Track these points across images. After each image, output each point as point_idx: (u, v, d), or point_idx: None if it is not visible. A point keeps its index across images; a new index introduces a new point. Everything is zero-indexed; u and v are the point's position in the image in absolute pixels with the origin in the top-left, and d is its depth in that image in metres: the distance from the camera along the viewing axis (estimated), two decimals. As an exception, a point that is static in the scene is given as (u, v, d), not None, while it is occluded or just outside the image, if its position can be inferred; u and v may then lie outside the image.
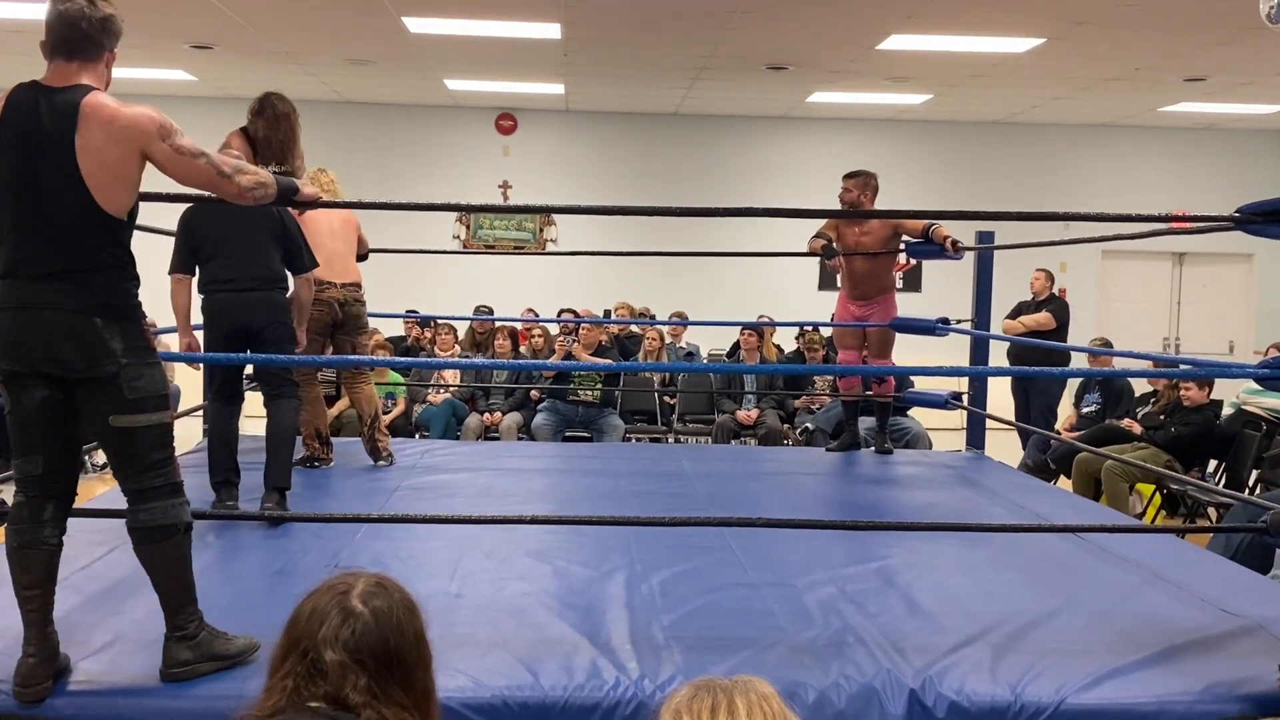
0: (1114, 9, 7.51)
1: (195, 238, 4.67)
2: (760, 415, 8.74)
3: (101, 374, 2.73)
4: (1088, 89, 10.64)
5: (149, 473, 2.82)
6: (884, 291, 6.62)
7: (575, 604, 3.54)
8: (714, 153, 12.99)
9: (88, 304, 2.73)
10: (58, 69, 2.81)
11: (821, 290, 12.99)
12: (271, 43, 9.29)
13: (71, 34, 2.78)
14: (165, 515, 2.82)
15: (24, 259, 2.74)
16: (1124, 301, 13.45)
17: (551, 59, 9.73)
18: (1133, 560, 4.25)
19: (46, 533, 2.82)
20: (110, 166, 2.74)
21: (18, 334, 2.74)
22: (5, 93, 2.80)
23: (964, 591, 3.81)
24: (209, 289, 4.69)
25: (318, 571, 3.79)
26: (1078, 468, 7.53)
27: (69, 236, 2.74)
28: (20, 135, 2.74)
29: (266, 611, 3.40)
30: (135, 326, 2.81)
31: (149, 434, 2.81)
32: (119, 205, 2.78)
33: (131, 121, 2.76)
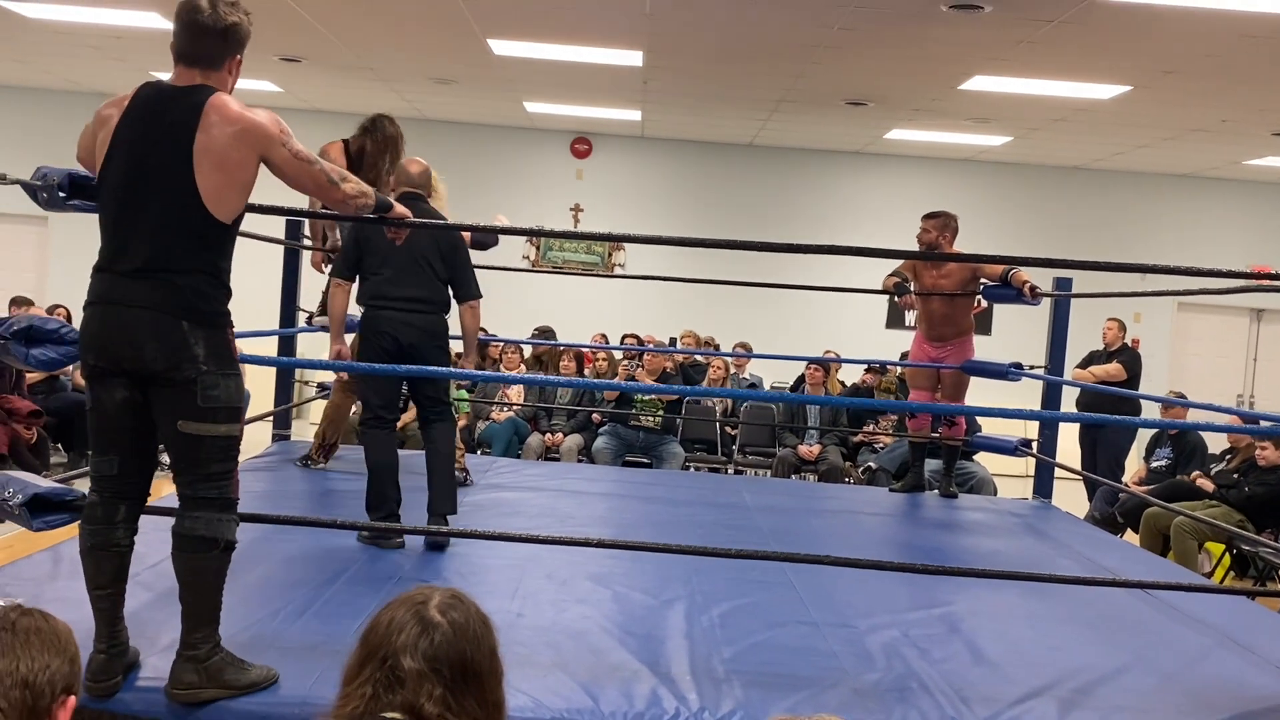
0: (1201, 59, 7.41)
1: (365, 248, 4.57)
2: (822, 451, 8.68)
3: (179, 377, 2.74)
4: (1171, 139, 10.49)
5: (205, 483, 2.81)
6: (961, 334, 6.55)
7: (636, 631, 3.54)
8: (787, 185, 12.98)
9: (176, 306, 2.74)
10: (182, 73, 2.84)
11: (889, 329, 12.92)
12: (359, 59, 9.46)
13: (194, 42, 2.81)
14: (210, 528, 2.80)
15: (122, 254, 2.76)
16: (1198, 356, 13.20)
17: (630, 85, 9.80)
18: (1203, 621, 4.16)
19: (119, 534, 2.85)
20: (228, 169, 2.76)
21: (105, 330, 2.77)
22: (136, 89, 2.85)
23: (1029, 643, 3.75)
24: (373, 304, 4.57)
25: (382, 583, 3.84)
26: (1146, 523, 7.38)
27: (168, 236, 2.75)
28: (140, 131, 2.78)
29: (334, 619, 3.45)
30: (220, 334, 2.82)
31: (215, 444, 2.81)
32: (227, 209, 2.80)
33: (255, 123, 2.79)
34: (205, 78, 2.82)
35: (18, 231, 12.84)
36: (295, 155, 2.88)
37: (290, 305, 6.67)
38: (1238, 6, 6.18)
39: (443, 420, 4.67)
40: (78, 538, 2.87)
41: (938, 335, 6.53)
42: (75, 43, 9.74)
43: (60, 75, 11.75)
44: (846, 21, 7.10)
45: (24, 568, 3.78)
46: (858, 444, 8.92)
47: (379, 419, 4.59)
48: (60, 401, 8.46)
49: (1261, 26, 6.53)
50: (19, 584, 3.53)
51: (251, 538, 3.81)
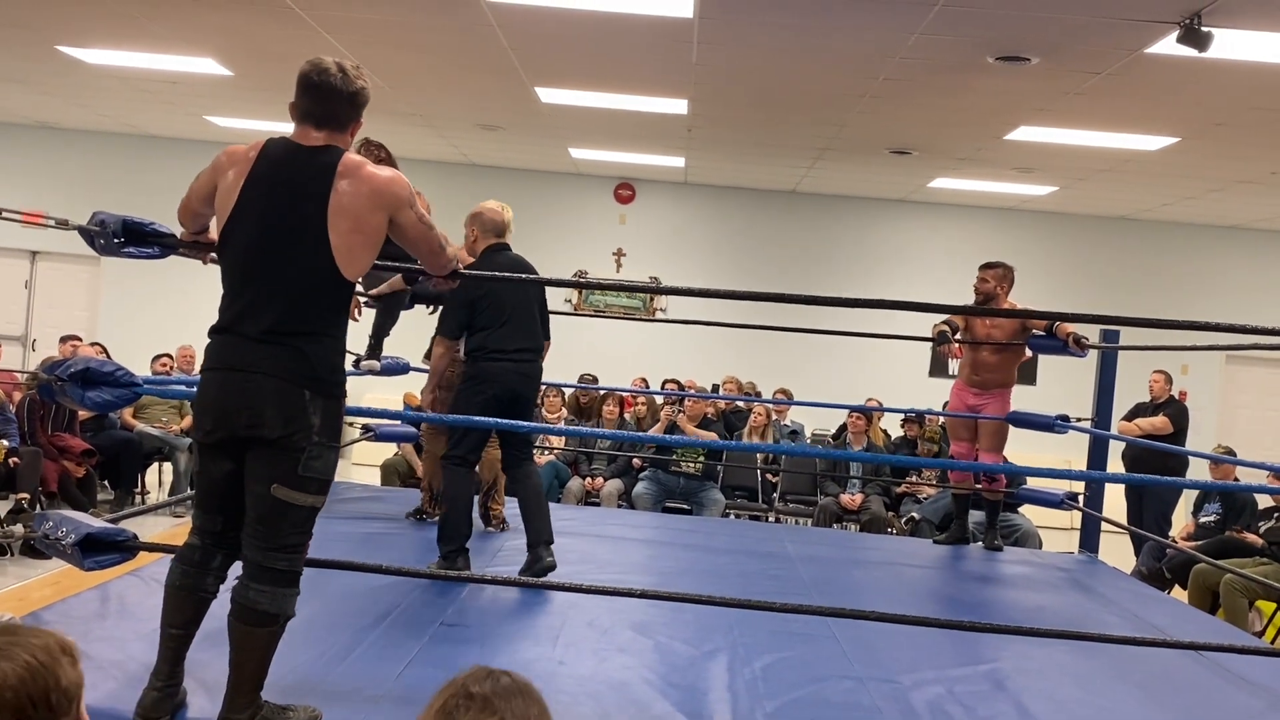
0: (1249, 112, 7.36)
1: (480, 305, 4.69)
2: (865, 500, 8.61)
3: (289, 443, 2.73)
4: (1218, 190, 10.41)
5: (279, 553, 2.79)
6: (1004, 384, 6.52)
7: (678, 683, 3.52)
8: (830, 232, 12.99)
9: (300, 374, 2.74)
10: (308, 132, 2.85)
11: (932, 377, 12.84)
12: (409, 105, 9.61)
13: (324, 103, 2.83)
14: (274, 602, 2.79)
15: (249, 315, 2.75)
16: (1248, 409, 13.00)
17: (674, 133, 9.87)
18: (1254, 682, 4.08)
19: (209, 581, 2.89)
20: (363, 229, 2.78)
21: (224, 396, 2.76)
22: (258, 144, 2.86)
23: (1076, 703, 3.69)
24: (490, 356, 4.69)
25: (427, 628, 3.84)
26: (1195, 579, 7.25)
27: (300, 298, 2.75)
28: (271, 190, 2.78)
29: (376, 663, 3.45)
30: (336, 406, 2.82)
31: (299, 514, 2.80)
32: (356, 269, 2.81)
33: (387, 185, 2.82)
34: (331, 138, 2.84)
35: (72, 271, 13.09)
36: (420, 219, 2.93)
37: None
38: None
39: (530, 460, 4.95)
40: (168, 574, 2.90)
41: (981, 382, 6.50)
42: (133, 88, 9.96)
43: (118, 119, 12.01)
44: (891, 72, 7.13)
45: (73, 605, 3.82)
46: (901, 494, 8.85)
47: (466, 460, 4.77)
48: (108, 439, 8.59)
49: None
50: (67, 622, 3.57)
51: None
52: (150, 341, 10.58)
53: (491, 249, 4.81)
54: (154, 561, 4.30)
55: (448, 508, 4.74)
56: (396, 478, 8.56)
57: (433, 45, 7.54)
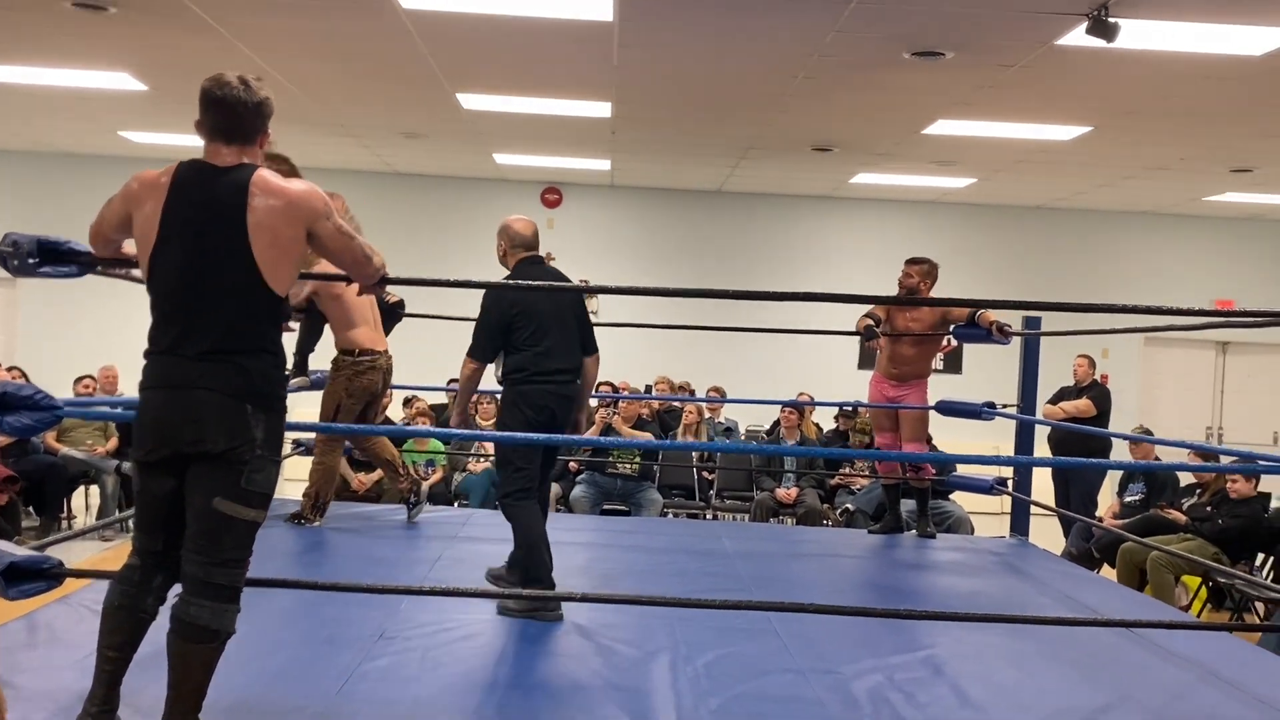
0: (1162, 100, 7.56)
1: (516, 323, 4.36)
2: (800, 494, 8.69)
3: (232, 457, 2.73)
4: (1131, 177, 10.66)
5: (220, 568, 2.77)
6: (921, 376, 6.65)
7: (621, 684, 3.53)
8: (756, 230, 13.09)
9: (241, 388, 2.74)
10: (216, 150, 2.84)
11: (861, 369, 12.97)
12: (330, 116, 9.50)
13: (230, 120, 2.82)
14: (215, 618, 2.76)
15: (186, 339, 2.75)
16: (1167, 389, 13.34)
17: (599, 136, 9.88)
18: (1185, 657, 4.18)
19: (149, 601, 2.84)
20: (281, 244, 2.78)
21: (166, 413, 2.75)
22: (170, 169, 2.84)
23: (1014, 684, 3.76)
24: (530, 379, 4.36)
25: (366, 642, 3.81)
26: (1122, 557, 7.43)
27: (235, 316, 2.76)
28: (190, 212, 2.77)
29: (315, 680, 3.41)
30: (278, 419, 2.83)
31: (241, 529, 2.79)
32: (284, 283, 2.83)
33: (301, 198, 2.81)
34: (242, 153, 2.84)
35: (-15, 293, 12.75)
36: (339, 230, 2.91)
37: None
38: (1196, 49, 6.31)
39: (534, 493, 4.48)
40: (106, 595, 2.85)
41: (899, 375, 6.60)
42: (44, 104, 9.73)
43: (29, 137, 11.73)
44: (810, 70, 7.21)
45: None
46: (835, 486, 8.94)
47: (525, 490, 4.38)
48: (31, 464, 8.37)
49: (1219, 68, 6.67)
50: (-6, 654, 3.48)
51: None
52: (71, 363, 10.32)
53: (524, 262, 4.54)
54: (83, 588, 4.21)
55: (527, 547, 4.31)
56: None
57: (350, 53, 7.47)
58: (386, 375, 5.89)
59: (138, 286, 4.14)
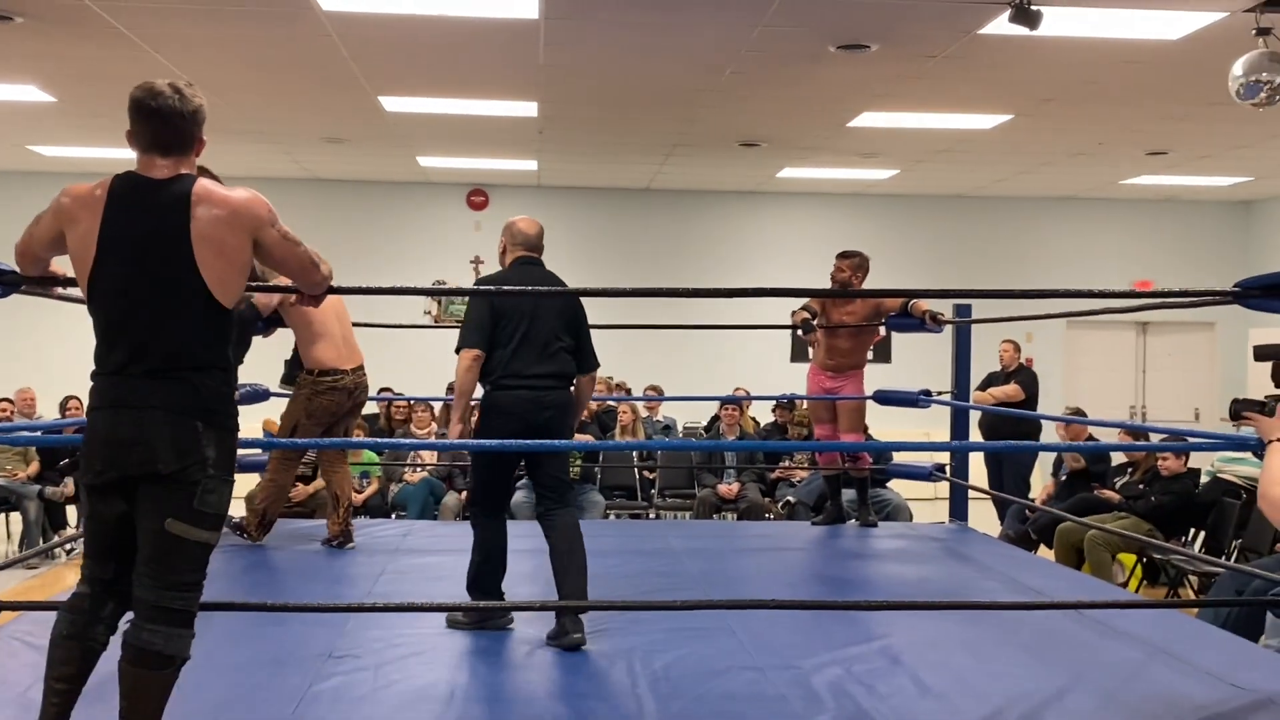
0: (1079, 86, 7.68)
1: (501, 319, 4.09)
2: (741, 489, 8.70)
3: (183, 477, 2.64)
4: (1051, 163, 10.84)
5: (174, 591, 2.68)
6: (857, 366, 6.71)
7: (582, 691, 3.48)
8: (685, 227, 13.11)
9: (192, 406, 2.66)
10: (152, 162, 2.73)
11: (794, 362, 13.08)
12: (249, 122, 9.30)
13: (165, 130, 2.72)
14: (170, 644, 2.67)
15: (135, 356, 2.66)
16: (1090, 370, 13.60)
17: (525, 136, 9.80)
18: (1132, 635, 4.23)
19: (99, 630, 2.74)
20: (227, 254, 2.70)
21: (116, 433, 2.65)
22: (103, 183, 2.73)
23: (970, 671, 3.77)
24: (503, 382, 4.09)
25: (314, 662, 3.71)
26: (1060, 538, 7.55)
27: (183, 332, 2.68)
28: (130, 228, 2.67)
29: (266, 704, 3.32)
30: (230, 438, 2.74)
31: (194, 550, 2.70)
32: (231, 295, 2.74)
33: (245, 206, 2.73)
34: (178, 164, 2.74)
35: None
36: (284, 236, 2.83)
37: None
38: (1115, 34, 6.42)
39: (564, 506, 4.23)
40: (54, 625, 2.74)
41: (835, 366, 6.65)
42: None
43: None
44: (737, 66, 7.21)
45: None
46: (775, 479, 8.97)
47: (494, 503, 4.24)
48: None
49: (1138, 53, 6.79)
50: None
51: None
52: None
53: (518, 261, 4.28)
54: (13, 620, 4.06)
55: (483, 561, 4.16)
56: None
57: (270, 58, 7.31)
58: (354, 394, 5.57)
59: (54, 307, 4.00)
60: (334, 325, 5.50)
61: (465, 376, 4.12)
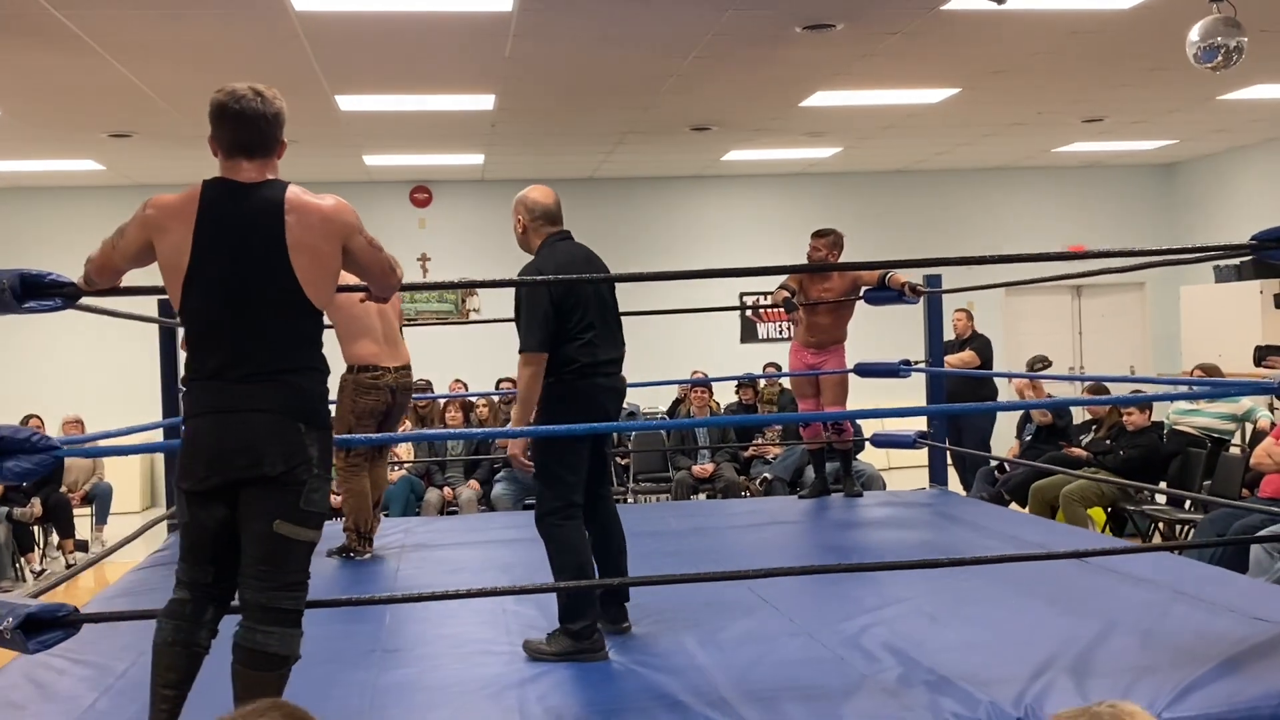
0: (1028, 57, 7.87)
1: (564, 308, 3.75)
2: (717, 469, 8.82)
3: (289, 478, 2.67)
4: (991, 134, 11.09)
5: (285, 592, 2.71)
6: (838, 341, 6.85)
7: (651, 668, 3.54)
8: (630, 214, 13.17)
9: (295, 408, 2.69)
10: (236, 165, 2.76)
11: (744, 343, 13.27)
12: (195, 128, 9.13)
13: (248, 133, 2.75)
14: (284, 644, 2.70)
15: (233, 361, 2.68)
16: (1029, 334, 13.94)
17: (476, 130, 9.78)
18: (1144, 578, 4.42)
19: (202, 635, 2.76)
20: (321, 260, 2.74)
21: (219, 439, 2.67)
22: (191, 191, 2.73)
23: (1007, 623, 3.92)
24: (583, 372, 3.78)
25: (368, 657, 3.74)
26: (1034, 495, 7.78)
27: (281, 336, 2.71)
28: (224, 235, 2.69)
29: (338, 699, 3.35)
30: (329, 437, 2.78)
31: (301, 550, 2.74)
32: (324, 299, 2.78)
33: (337, 214, 2.77)
34: (263, 168, 2.77)
35: None
36: (369, 243, 2.88)
37: (172, 391, 6.30)
38: (1069, 5, 6.61)
39: (609, 499, 4.02)
40: (155, 631, 2.74)
41: (817, 342, 6.79)
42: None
43: None
44: (702, 50, 7.28)
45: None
46: (749, 458, 9.10)
47: (571, 506, 3.78)
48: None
49: (1089, 22, 6.99)
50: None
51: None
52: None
53: (553, 239, 3.95)
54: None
55: (567, 575, 3.72)
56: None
57: (230, 62, 7.19)
58: (397, 393, 5.36)
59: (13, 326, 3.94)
60: (375, 321, 5.34)
61: (533, 384, 3.73)
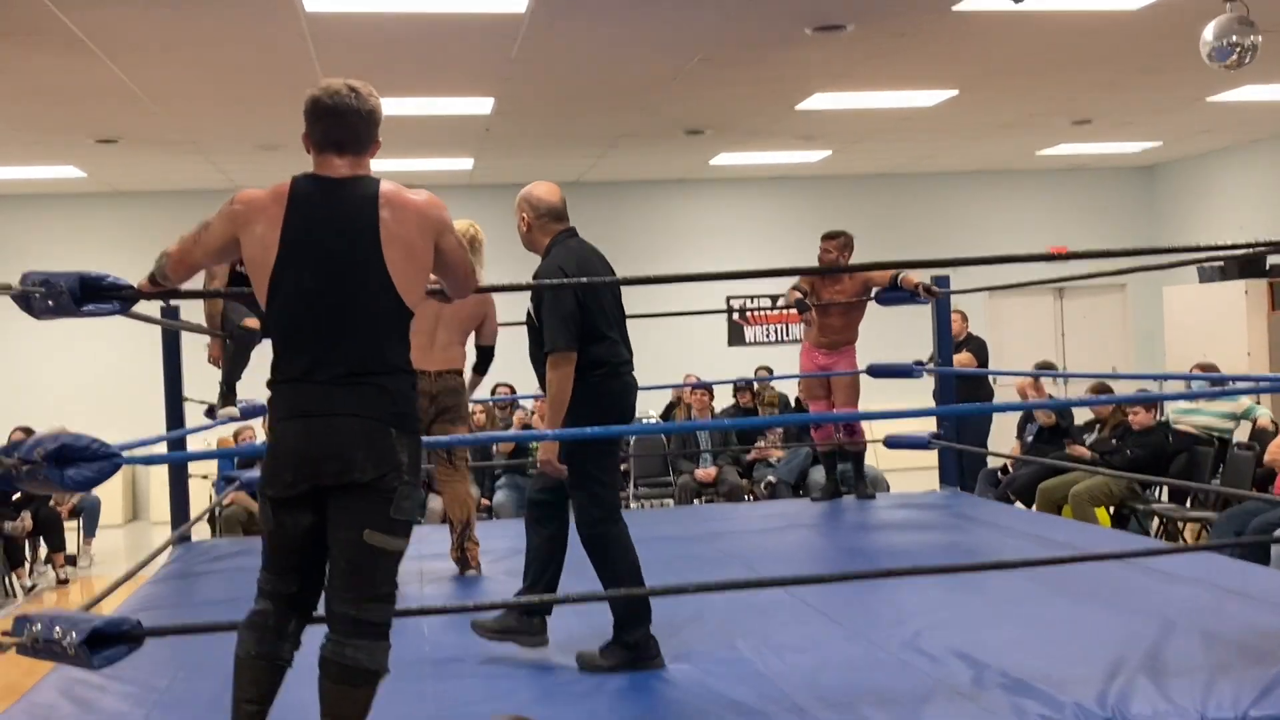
0: (1030, 58, 7.88)
1: (590, 307, 3.64)
2: (719, 472, 8.76)
3: (381, 485, 2.57)
4: (979, 137, 11.11)
5: (374, 604, 2.61)
6: (849, 342, 6.83)
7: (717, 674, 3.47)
8: (618, 218, 13.08)
9: (386, 412, 2.60)
10: (328, 162, 2.69)
11: (731, 346, 13.25)
12: (182, 133, 9.01)
13: (341, 129, 2.68)
14: (373, 658, 2.59)
15: (323, 361, 2.59)
16: (1012, 336, 14.00)
17: (469, 134, 9.69)
18: (1185, 577, 4.41)
19: (286, 649, 2.66)
20: (415, 256, 2.66)
21: (308, 444, 2.57)
22: (279, 186, 2.66)
23: (1065, 623, 3.88)
24: (613, 371, 3.67)
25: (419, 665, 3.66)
26: (1042, 495, 7.79)
27: (373, 336, 2.62)
28: (315, 229, 2.61)
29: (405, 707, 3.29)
30: (418, 442, 2.69)
31: (390, 560, 2.63)
32: (416, 299, 2.69)
33: (432, 208, 2.71)
34: (356, 164, 2.69)
35: None
36: (459, 243, 2.82)
37: (176, 399, 6.15)
38: (1081, 6, 6.61)
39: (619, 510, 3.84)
40: (237, 644, 2.64)
41: (830, 343, 6.76)
42: None
43: None
44: (708, 52, 7.24)
45: None
46: (751, 461, 9.05)
47: (614, 510, 3.68)
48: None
49: (1098, 23, 6.99)
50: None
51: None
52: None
53: (564, 235, 3.84)
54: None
55: (619, 582, 3.60)
56: (240, 529, 8.04)
57: (230, 64, 7.09)
58: (436, 398, 5.07)
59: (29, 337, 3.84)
60: (424, 324, 5.06)
61: (565, 384, 3.57)
